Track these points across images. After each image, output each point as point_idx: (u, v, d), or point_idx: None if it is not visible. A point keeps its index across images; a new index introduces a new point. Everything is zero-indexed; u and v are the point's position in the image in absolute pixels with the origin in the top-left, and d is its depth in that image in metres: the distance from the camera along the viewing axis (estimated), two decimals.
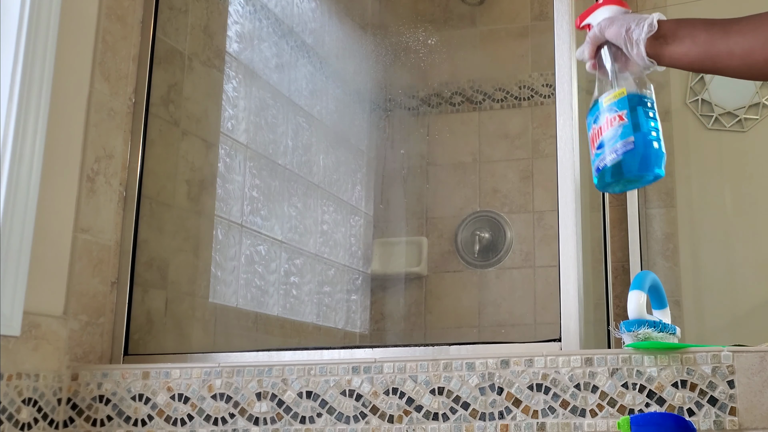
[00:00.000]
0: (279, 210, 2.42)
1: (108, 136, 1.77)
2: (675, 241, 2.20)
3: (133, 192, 1.81)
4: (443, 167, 2.87)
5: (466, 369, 1.45)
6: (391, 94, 2.94)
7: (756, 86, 2.36)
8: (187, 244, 2.05)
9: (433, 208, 2.84)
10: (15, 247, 1.50)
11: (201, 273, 2.08)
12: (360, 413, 1.49)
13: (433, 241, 2.80)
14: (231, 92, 2.25)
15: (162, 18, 1.94)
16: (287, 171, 2.47)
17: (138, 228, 1.81)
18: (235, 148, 2.24)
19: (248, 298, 2.25)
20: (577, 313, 1.49)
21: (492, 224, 2.75)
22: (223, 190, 2.17)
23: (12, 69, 1.52)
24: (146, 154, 1.85)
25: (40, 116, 1.55)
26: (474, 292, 2.71)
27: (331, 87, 2.75)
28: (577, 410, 1.39)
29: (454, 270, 2.75)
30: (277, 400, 1.53)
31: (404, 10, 3.02)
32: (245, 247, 2.24)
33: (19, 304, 1.50)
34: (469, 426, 1.43)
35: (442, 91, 2.88)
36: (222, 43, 2.19)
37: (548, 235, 2.63)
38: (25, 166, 1.52)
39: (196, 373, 1.57)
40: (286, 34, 2.53)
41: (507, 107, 2.83)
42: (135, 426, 1.58)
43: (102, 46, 1.76)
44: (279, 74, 2.50)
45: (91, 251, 1.71)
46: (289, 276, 2.42)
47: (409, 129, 2.90)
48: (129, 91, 1.85)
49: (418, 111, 2.90)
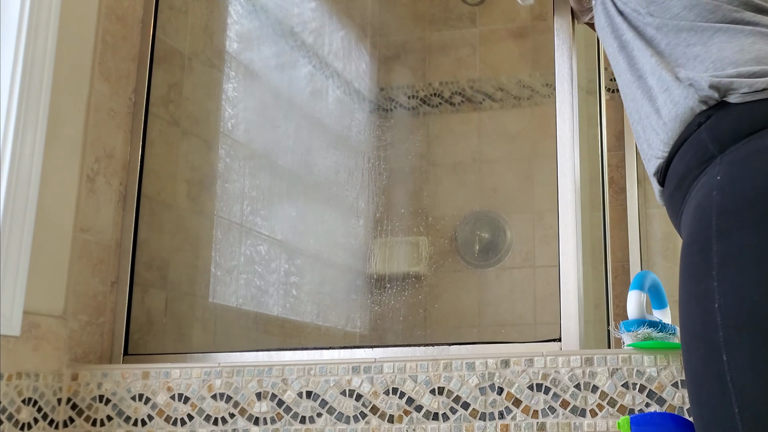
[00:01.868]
0: (279, 210, 2.42)
1: (108, 136, 1.77)
2: (675, 240, 2.20)
3: (132, 192, 1.81)
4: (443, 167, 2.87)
5: (466, 369, 1.45)
6: (391, 94, 2.94)
7: None
8: (187, 244, 2.05)
9: (433, 208, 2.84)
10: (15, 247, 1.50)
11: (201, 273, 2.08)
12: (360, 413, 1.49)
13: (432, 241, 2.80)
14: (231, 92, 2.25)
15: (162, 18, 1.94)
16: (287, 171, 2.47)
17: (138, 228, 1.81)
18: (235, 148, 2.24)
19: (248, 298, 2.25)
20: (577, 313, 1.49)
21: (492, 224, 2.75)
22: (223, 190, 2.17)
23: (12, 69, 1.52)
24: (146, 153, 1.85)
25: (40, 116, 1.55)
26: (474, 292, 2.71)
27: (331, 87, 2.75)
28: (577, 410, 1.39)
29: (454, 270, 2.75)
30: (277, 400, 1.53)
31: (404, 10, 3.02)
32: (245, 247, 2.24)
33: (19, 304, 1.50)
34: (469, 426, 1.43)
35: (442, 91, 2.87)
36: (222, 43, 2.19)
37: (548, 235, 2.63)
38: (25, 166, 1.52)
39: (196, 373, 1.57)
40: (286, 34, 2.53)
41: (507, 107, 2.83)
42: (135, 426, 1.58)
43: (102, 46, 1.76)
44: (279, 74, 2.50)
45: (91, 251, 1.71)
46: (289, 276, 2.42)
47: (409, 129, 2.90)
48: (129, 91, 1.85)
49: (418, 111, 2.90)
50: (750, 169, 0.79)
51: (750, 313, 0.74)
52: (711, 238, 0.79)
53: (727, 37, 0.88)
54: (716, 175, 0.81)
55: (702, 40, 0.90)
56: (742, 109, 0.83)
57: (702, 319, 0.78)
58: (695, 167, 0.85)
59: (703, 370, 0.79)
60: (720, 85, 0.84)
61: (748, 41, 0.88)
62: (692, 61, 0.90)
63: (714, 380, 0.76)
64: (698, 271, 0.81)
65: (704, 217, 0.81)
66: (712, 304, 0.77)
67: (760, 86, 0.82)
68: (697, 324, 0.80)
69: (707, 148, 0.84)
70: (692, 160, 0.86)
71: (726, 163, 0.81)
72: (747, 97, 0.83)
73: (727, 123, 0.83)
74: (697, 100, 0.86)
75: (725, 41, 0.88)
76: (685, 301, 0.83)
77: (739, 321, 0.75)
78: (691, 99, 0.87)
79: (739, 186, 0.79)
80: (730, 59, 0.86)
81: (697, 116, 0.86)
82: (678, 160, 0.89)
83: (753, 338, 0.74)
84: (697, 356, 0.80)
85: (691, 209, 0.85)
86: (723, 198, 0.79)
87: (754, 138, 0.80)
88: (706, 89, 0.85)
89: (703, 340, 0.78)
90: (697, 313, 0.80)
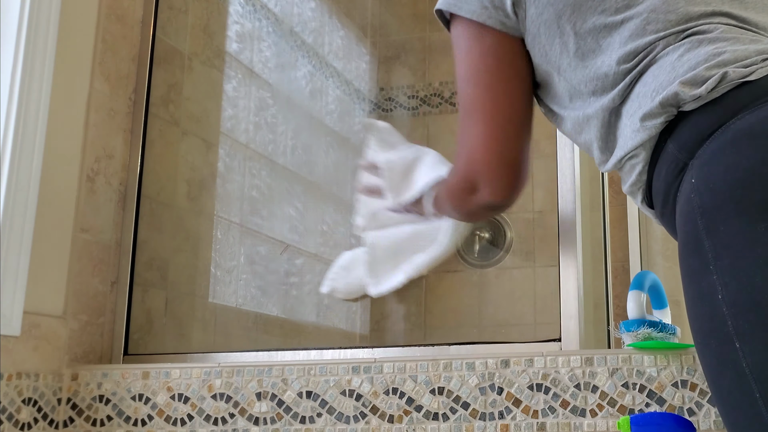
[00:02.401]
0: (279, 210, 2.42)
1: (108, 136, 1.77)
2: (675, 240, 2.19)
3: (132, 192, 1.81)
4: None
5: (466, 369, 1.45)
6: (391, 94, 2.94)
7: None
8: (187, 244, 2.05)
9: None
10: (15, 247, 1.50)
11: (201, 273, 2.08)
12: (360, 413, 1.48)
13: None
14: (231, 92, 2.25)
15: (162, 18, 1.94)
16: (287, 171, 2.47)
17: (138, 228, 1.81)
18: (235, 148, 2.24)
19: (248, 298, 2.25)
20: (577, 313, 1.49)
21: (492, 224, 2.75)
22: (223, 190, 2.17)
23: (12, 69, 1.52)
24: (146, 154, 1.85)
25: (40, 116, 1.55)
26: (474, 292, 2.71)
27: (331, 87, 2.75)
28: (577, 410, 1.39)
29: (454, 270, 2.75)
30: (277, 400, 1.53)
31: (404, 10, 3.02)
32: (245, 247, 2.24)
33: (19, 304, 1.50)
34: (469, 426, 1.43)
35: (442, 91, 2.87)
36: (222, 43, 2.19)
37: (548, 235, 2.63)
38: (25, 165, 1.52)
39: (196, 373, 1.57)
40: (286, 34, 2.53)
41: None
42: (135, 426, 1.58)
43: (102, 46, 1.76)
44: (279, 74, 2.50)
45: (90, 251, 1.71)
46: (289, 276, 2.42)
47: (409, 129, 2.89)
48: (129, 91, 1.84)
49: (418, 111, 2.90)
50: (719, 165, 0.82)
51: (754, 297, 0.76)
52: (701, 237, 0.81)
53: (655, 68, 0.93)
54: (691, 179, 0.84)
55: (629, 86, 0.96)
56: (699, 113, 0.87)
57: (709, 315, 0.80)
58: (673, 180, 0.88)
59: (719, 365, 0.80)
60: (669, 98, 0.88)
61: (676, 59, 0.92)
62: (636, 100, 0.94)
63: (731, 371, 0.77)
64: (696, 271, 0.82)
65: (689, 220, 0.83)
66: (716, 297, 0.78)
67: (711, 86, 0.85)
68: (705, 322, 0.81)
69: (677, 158, 0.87)
70: (668, 175, 0.89)
71: (697, 167, 0.84)
72: (700, 101, 0.86)
73: (687, 129, 0.87)
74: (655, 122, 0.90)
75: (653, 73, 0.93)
76: (691, 305, 0.84)
77: (745, 306, 0.76)
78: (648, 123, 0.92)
79: (713, 183, 0.81)
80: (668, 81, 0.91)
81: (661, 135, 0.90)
82: (656, 180, 0.92)
83: (762, 319, 0.75)
84: (711, 354, 0.81)
85: (678, 218, 0.88)
86: (701, 198, 0.82)
87: (716, 136, 0.84)
88: (659, 108, 0.89)
89: (714, 336, 0.79)
90: (703, 312, 0.81)
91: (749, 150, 0.81)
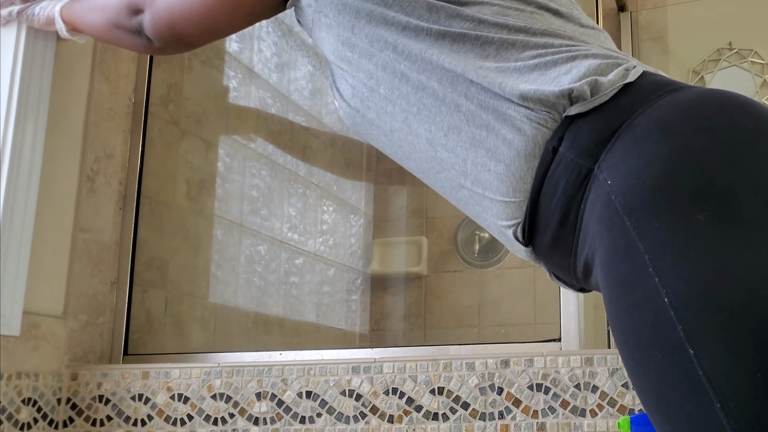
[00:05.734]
0: (279, 210, 2.42)
1: (108, 136, 1.77)
2: None
3: (132, 192, 1.81)
4: None
5: (466, 369, 1.45)
6: None
7: (756, 86, 2.36)
8: (187, 244, 2.05)
9: (433, 208, 2.84)
10: (15, 247, 1.50)
11: (201, 273, 2.08)
12: (360, 413, 1.48)
13: (432, 240, 2.80)
14: (231, 92, 2.25)
15: None
16: (287, 171, 2.47)
17: (137, 228, 1.81)
18: (235, 148, 2.24)
19: (248, 298, 2.25)
20: (577, 313, 1.49)
21: None
22: (223, 190, 2.17)
23: (12, 69, 1.52)
24: (146, 153, 1.85)
25: (40, 116, 1.55)
26: (474, 292, 2.71)
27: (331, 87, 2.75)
28: (577, 410, 1.39)
29: (454, 270, 2.75)
30: (277, 400, 1.53)
31: None
32: (245, 247, 2.24)
33: (19, 304, 1.50)
34: (469, 426, 1.43)
35: None
36: (222, 43, 2.19)
37: None
38: (25, 166, 1.52)
39: (196, 373, 1.57)
40: (286, 34, 2.53)
41: None
42: (135, 426, 1.58)
43: (102, 46, 1.76)
44: (279, 74, 2.50)
45: (90, 251, 1.71)
46: (289, 276, 2.42)
47: None
48: (129, 91, 1.84)
49: None
50: (635, 160, 0.75)
51: (705, 294, 0.67)
52: (632, 239, 0.73)
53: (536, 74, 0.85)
54: (606, 181, 0.76)
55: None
56: (593, 115, 0.80)
57: (651, 324, 0.70)
58: (575, 192, 0.79)
59: (666, 378, 0.69)
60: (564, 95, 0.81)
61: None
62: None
63: (681, 382, 0.68)
64: (629, 278, 0.73)
65: (614, 225, 0.74)
66: (660, 301, 0.69)
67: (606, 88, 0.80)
68: (645, 333, 0.71)
69: (579, 165, 0.78)
70: (568, 187, 0.79)
71: (607, 168, 0.76)
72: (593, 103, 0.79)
73: (586, 133, 0.79)
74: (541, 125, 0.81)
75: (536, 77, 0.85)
76: (622, 318, 0.74)
77: (698, 306, 0.67)
78: (529, 128, 0.82)
79: (635, 179, 0.74)
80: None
81: (547, 143, 0.81)
82: (548, 200, 0.82)
83: (717, 318, 0.66)
84: (655, 368, 0.70)
85: (592, 230, 0.78)
86: (624, 198, 0.74)
87: (621, 133, 0.77)
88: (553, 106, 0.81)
89: (659, 347, 0.70)
90: (642, 323, 0.71)
91: (668, 139, 0.74)
